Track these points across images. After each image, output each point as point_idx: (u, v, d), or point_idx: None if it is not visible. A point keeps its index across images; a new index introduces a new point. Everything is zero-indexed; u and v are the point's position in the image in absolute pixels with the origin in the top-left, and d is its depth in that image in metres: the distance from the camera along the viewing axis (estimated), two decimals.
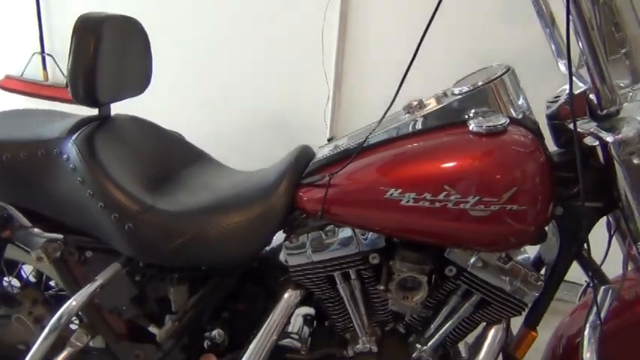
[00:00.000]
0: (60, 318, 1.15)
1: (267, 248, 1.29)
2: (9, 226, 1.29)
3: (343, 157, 1.16)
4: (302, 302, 1.29)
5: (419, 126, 1.13)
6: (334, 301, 1.26)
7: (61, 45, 3.51)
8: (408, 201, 1.05)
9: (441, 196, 1.03)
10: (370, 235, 1.16)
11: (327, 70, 2.68)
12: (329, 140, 2.76)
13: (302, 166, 1.24)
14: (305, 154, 1.28)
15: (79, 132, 1.23)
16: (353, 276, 1.21)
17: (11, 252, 1.35)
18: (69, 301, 1.16)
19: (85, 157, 1.18)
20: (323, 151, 1.28)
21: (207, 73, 3.01)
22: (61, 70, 3.50)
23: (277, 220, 1.20)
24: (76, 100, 1.20)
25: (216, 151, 1.61)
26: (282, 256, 1.35)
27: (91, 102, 1.22)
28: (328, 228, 1.19)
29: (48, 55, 3.53)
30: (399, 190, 1.06)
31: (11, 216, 1.29)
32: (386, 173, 1.09)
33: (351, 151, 1.15)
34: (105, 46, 1.20)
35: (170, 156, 1.41)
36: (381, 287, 1.17)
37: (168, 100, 2.66)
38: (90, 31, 1.18)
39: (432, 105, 1.16)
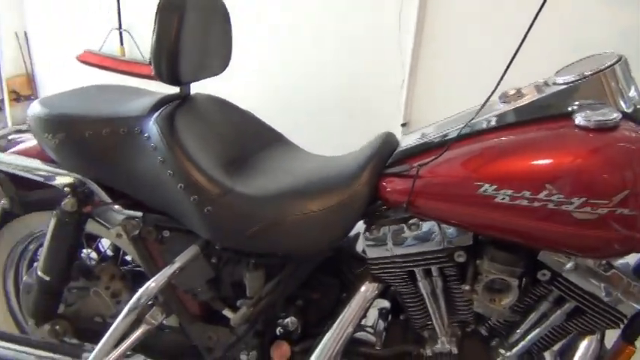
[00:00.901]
0: (139, 299, 1.15)
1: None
2: (90, 202, 1.30)
3: (432, 147, 1.09)
4: (379, 295, 1.25)
5: (517, 117, 1.04)
6: (413, 298, 1.20)
7: (137, 21, 3.56)
8: (503, 198, 0.97)
9: (541, 195, 0.94)
10: (457, 231, 1.09)
11: (404, 52, 2.58)
12: (402, 125, 2.67)
13: (386, 154, 1.18)
14: (389, 142, 1.22)
15: (160, 111, 1.21)
16: (435, 273, 1.15)
17: (91, 227, 1.36)
18: (148, 283, 1.16)
19: (166, 136, 1.16)
20: (408, 140, 1.21)
21: (280, 54, 2.98)
22: (137, 46, 3.57)
23: (358, 210, 1.15)
24: (159, 78, 1.18)
25: (288, 134, 1.59)
26: (358, 247, 1.31)
27: (173, 80, 1.20)
28: (412, 221, 1.13)
29: (125, 31, 3.61)
30: (495, 187, 0.98)
31: (92, 192, 1.29)
32: (481, 167, 1.01)
33: (441, 141, 1.08)
34: (188, 24, 1.17)
35: (248, 137, 1.38)
36: (466, 287, 1.10)
37: (241, 82, 2.63)
38: (174, 10, 1.15)
39: (531, 95, 1.06)
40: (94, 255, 1.59)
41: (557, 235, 0.98)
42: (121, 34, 3.62)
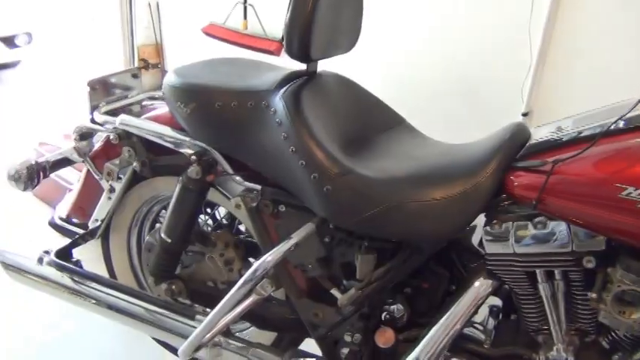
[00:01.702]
0: (255, 271, 1.18)
1: None
2: (213, 171, 1.34)
3: (569, 143, 1.02)
4: (492, 293, 1.20)
5: None
6: (531, 299, 1.14)
7: None
8: None
9: None
10: (588, 234, 1.02)
11: (533, 38, 2.43)
12: (524, 115, 2.54)
13: (516, 146, 1.12)
14: (521, 133, 1.15)
15: (287, 86, 1.23)
16: (558, 276, 1.08)
17: (211, 195, 1.41)
18: (265, 256, 1.18)
19: (291, 112, 1.17)
20: (541, 132, 1.14)
21: (402, 34, 2.92)
22: (259, 21, 3.64)
23: (481, 202, 1.10)
24: (289, 54, 1.19)
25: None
26: (474, 239, 1.26)
27: (303, 58, 1.20)
28: (538, 219, 1.07)
29: (249, 5, 3.69)
30: None
31: (216, 161, 1.34)
32: (625, 169, 0.93)
33: (581, 137, 1.00)
34: (323, 1, 1.16)
35: (371, 118, 1.36)
36: (593, 295, 1.03)
37: (361, 62, 2.62)
38: None
39: None
40: (210, 222, 1.66)
41: None
42: (245, 8, 3.71)
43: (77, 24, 4.84)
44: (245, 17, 3.74)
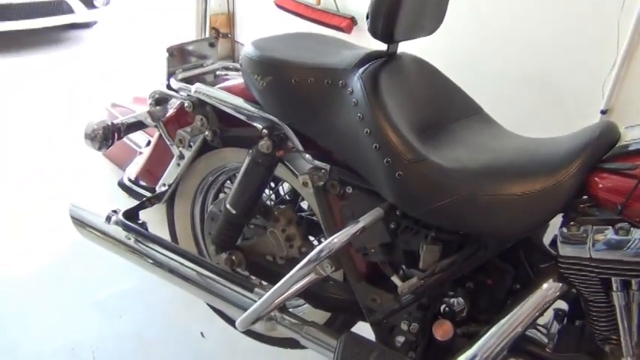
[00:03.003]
0: (320, 252, 1.18)
1: None
2: (283, 147, 1.34)
3: None
4: (560, 297, 1.15)
5: None
6: (602, 307, 1.09)
7: None
8: None
9: None
10: None
11: (622, 32, 2.31)
12: (602, 113, 2.42)
13: (604, 146, 1.06)
14: (609, 133, 1.09)
15: (366, 67, 1.20)
16: (636, 287, 1.03)
17: (279, 171, 1.42)
18: (331, 238, 1.17)
19: (369, 94, 1.14)
20: (633, 134, 1.07)
21: (484, 21, 2.84)
22: None
23: (560, 202, 1.05)
24: (373, 34, 1.17)
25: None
26: (545, 239, 1.21)
27: (386, 38, 1.17)
28: (620, 224, 1.01)
29: None
30: None
31: (287, 137, 1.33)
32: None
33: None
34: None
35: (448, 105, 1.32)
36: None
37: (439, 46, 2.56)
38: None
39: None
40: (273, 197, 1.67)
41: None
42: None
43: None
44: None
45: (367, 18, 1.16)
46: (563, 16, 2.50)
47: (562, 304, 1.25)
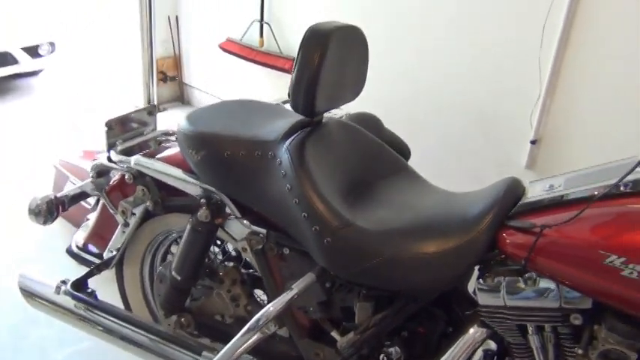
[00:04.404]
0: (258, 320, 1.24)
1: None
2: (221, 214, 1.41)
3: (559, 205, 1.07)
4: (487, 339, 1.24)
5: None
6: (522, 349, 1.18)
7: (278, 15, 3.71)
8: (630, 273, 0.93)
9: None
10: (576, 292, 1.06)
11: (543, 68, 2.48)
12: (532, 143, 2.58)
13: (510, 203, 1.16)
14: (513, 190, 1.19)
15: (293, 138, 1.28)
16: (548, 330, 1.12)
17: (220, 234, 1.48)
18: (267, 306, 1.24)
19: (296, 165, 1.22)
20: (535, 190, 1.18)
21: (414, 62, 2.98)
22: (275, 39, 3.71)
23: (475, 257, 1.15)
24: (296, 110, 1.26)
25: (409, 138, 1.60)
26: (470, 287, 1.30)
27: (309, 112, 1.26)
28: (528, 275, 1.11)
29: (266, 23, 3.77)
30: (623, 259, 0.94)
31: (224, 204, 1.40)
32: (610, 236, 0.97)
33: (570, 200, 1.05)
34: (329, 57, 1.22)
35: (373, 164, 1.41)
36: (579, 352, 1.07)
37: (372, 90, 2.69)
38: (318, 44, 1.21)
39: None
40: (220, 254, 1.73)
41: None
42: (261, 26, 3.80)
43: (100, 35, 4.96)
44: (261, 35, 3.82)
45: (289, 96, 1.24)
46: (492, 56, 2.66)
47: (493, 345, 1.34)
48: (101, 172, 1.59)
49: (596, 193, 1.01)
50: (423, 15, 2.87)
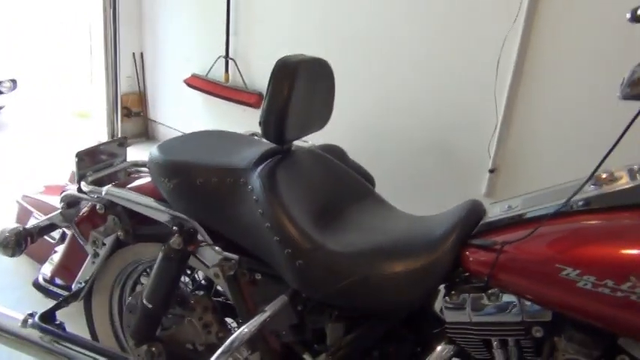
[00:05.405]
0: (232, 343, 1.25)
1: None
2: (194, 241, 1.43)
3: (517, 223, 1.13)
4: (454, 356, 1.28)
5: (607, 203, 1.06)
6: None
7: (243, 51, 3.79)
8: (585, 284, 1.00)
9: (624, 286, 0.96)
10: (536, 306, 1.12)
11: (498, 100, 2.61)
12: (490, 172, 2.69)
13: (472, 223, 1.22)
14: (475, 211, 1.26)
15: (263, 165, 1.33)
16: (512, 343, 1.17)
17: (192, 262, 1.49)
18: (240, 329, 1.26)
19: (267, 191, 1.27)
20: (494, 211, 1.25)
21: (373, 94, 3.09)
22: (240, 74, 3.79)
23: (440, 275, 1.20)
24: (267, 138, 1.30)
25: (373, 170, 1.66)
26: (437, 306, 1.35)
27: (279, 141, 1.31)
28: (492, 291, 1.17)
29: (231, 59, 3.85)
30: (578, 272, 1.00)
31: (196, 231, 1.42)
32: (565, 250, 1.04)
33: (527, 218, 1.12)
34: (298, 87, 1.28)
35: (342, 190, 1.47)
36: None
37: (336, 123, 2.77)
38: (287, 75, 1.27)
39: (623, 181, 1.08)
40: (190, 283, 1.73)
41: (638, 326, 0.99)
42: (227, 62, 3.88)
43: (63, 71, 4.95)
44: (227, 70, 3.89)
45: (260, 124, 1.29)
46: (448, 89, 2.79)
47: None
48: (71, 203, 1.60)
49: (550, 211, 1.09)
50: (385, 56, 3.01)
